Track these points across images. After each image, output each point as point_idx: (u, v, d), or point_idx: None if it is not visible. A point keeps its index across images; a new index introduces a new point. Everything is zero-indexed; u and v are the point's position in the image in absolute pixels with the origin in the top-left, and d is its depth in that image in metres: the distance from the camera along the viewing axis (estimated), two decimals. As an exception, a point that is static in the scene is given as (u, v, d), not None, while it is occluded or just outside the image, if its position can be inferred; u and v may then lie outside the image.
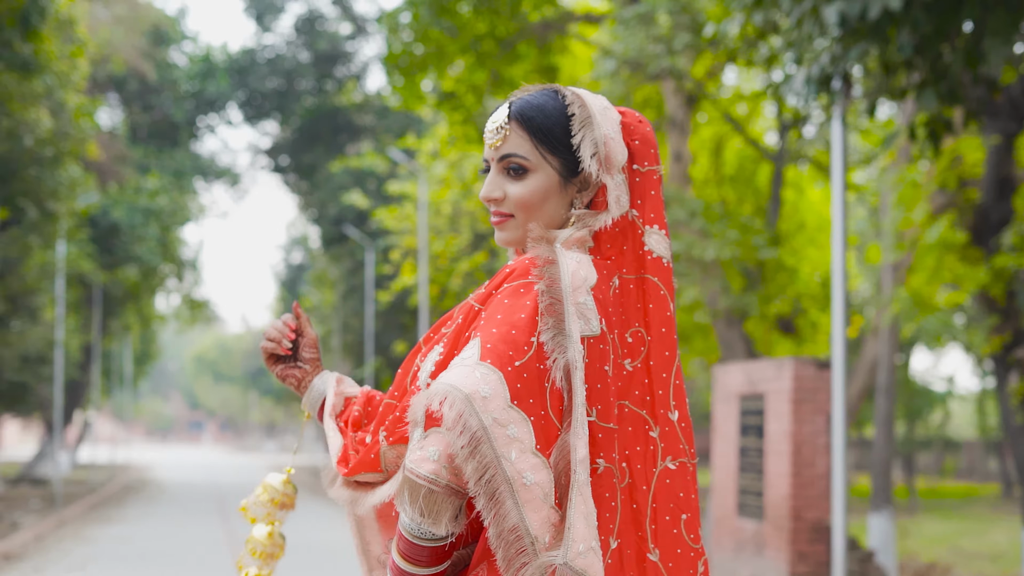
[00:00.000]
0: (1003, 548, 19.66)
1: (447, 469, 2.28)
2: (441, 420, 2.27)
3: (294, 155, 35.96)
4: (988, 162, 11.96)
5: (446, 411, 2.27)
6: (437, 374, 2.46)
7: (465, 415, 2.26)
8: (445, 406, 2.27)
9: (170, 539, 19.16)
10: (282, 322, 2.93)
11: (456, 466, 2.28)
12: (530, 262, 2.45)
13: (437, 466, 2.27)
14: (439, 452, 2.28)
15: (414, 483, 2.29)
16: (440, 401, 2.27)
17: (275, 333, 2.91)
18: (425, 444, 2.29)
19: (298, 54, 35.44)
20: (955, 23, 7.42)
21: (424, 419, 2.31)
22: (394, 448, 2.52)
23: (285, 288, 54.55)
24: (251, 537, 2.89)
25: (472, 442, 2.26)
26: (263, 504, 2.89)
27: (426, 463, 2.28)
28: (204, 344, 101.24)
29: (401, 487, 2.32)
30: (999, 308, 11.68)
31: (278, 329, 2.92)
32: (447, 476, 2.28)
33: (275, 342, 2.91)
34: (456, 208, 25.15)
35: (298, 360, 2.94)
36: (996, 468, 39.40)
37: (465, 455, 2.26)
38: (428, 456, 2.28)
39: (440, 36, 17.95)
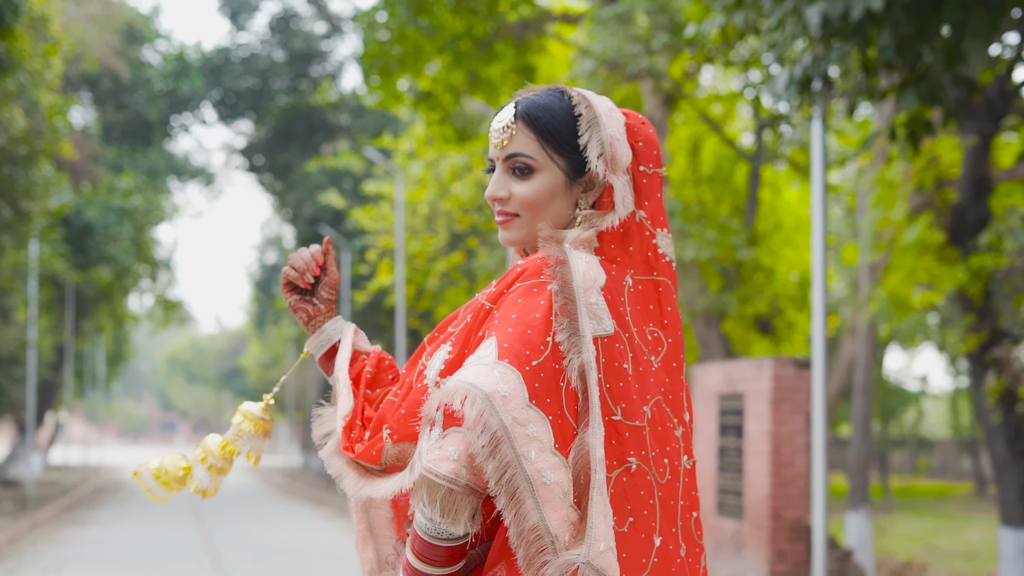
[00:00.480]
0: (977, 546, 19.76)
1: (467, 468, 2.27)
2: (461, 419, 2.27)
3: (269, 155, 35.84)
4: (965, 162, 12.00)
5: (467, 410, 2.26)
6: (447, 373, 2.45)
7: (486, 414, 2.26)
8: (466, 405, 2.27)
9: (145, 541, 19.07)
10: (310, 254, 2.84)
11: (476, 466, 2.28)
12: (542, 262, 2.45)
13: (457, 465, 2.27)
14: (459, 451, 2.28)
15: (433, 483, 2.28)
16: (461, 400, 2.27)
17: (301, 263, 2.83)
18: (444, 443, 2.29)
19: (273, 53, 35.32)
20: (935, 24, 7.44)
21: (443, 418, 2.31)
22: (397, 446, 2.51)
23: (259, 288, 54.33)
24: (205, 447, 2.79)
25: (492, 441, 2.26)
26: (248, 435, 2.81)
27: (445, 462, 2.28)
28: (177, 345, 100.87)
29: (418, 487, 2.31)
30: (976, 307, 11.72)
31: (305, 260, 2.83)
32: (467, 476, 2.28)
33: (299, 272, 2.82)
34: (433, 208, 25.10)
35: (314, 296, 2.86)
36: (969, 467, 39.60)
37: (485, 454, 2.26)
38: (448, 456, 2.28)
39: (417, 35, 17.92)
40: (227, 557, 16.72)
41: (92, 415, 79.11)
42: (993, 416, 11.33)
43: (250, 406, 2.83)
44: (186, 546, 18.31)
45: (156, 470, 2.77)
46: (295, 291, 2.86)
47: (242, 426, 2.81)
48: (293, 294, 2.86)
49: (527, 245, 2.61)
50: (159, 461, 2.78)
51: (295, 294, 2.86)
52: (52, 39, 18.47)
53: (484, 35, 18.02)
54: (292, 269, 2.82)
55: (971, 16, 7.18)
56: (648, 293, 2.53)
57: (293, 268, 2.82)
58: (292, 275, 2.82)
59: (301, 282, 2.83)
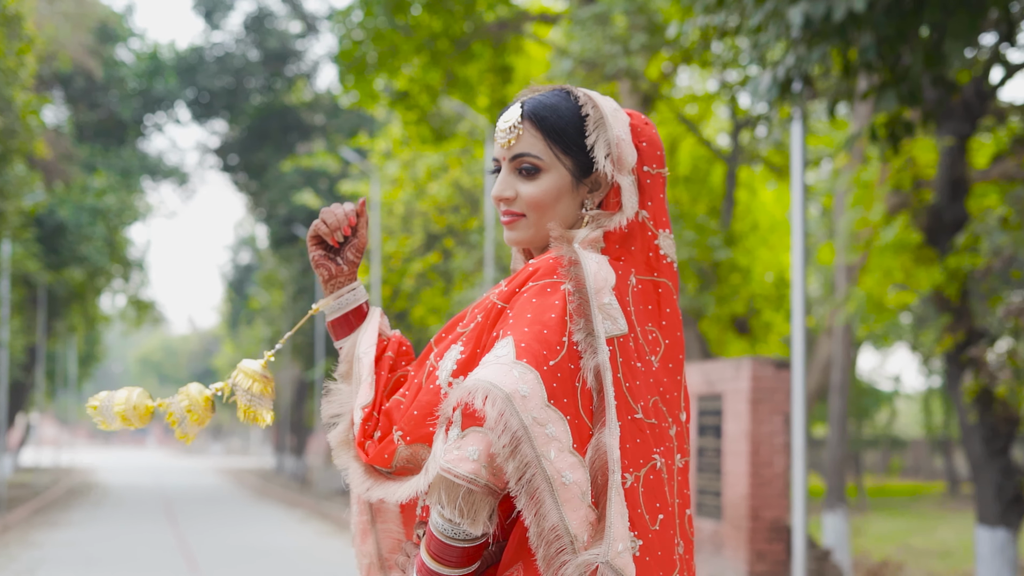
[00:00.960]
0: (952, 545, 19.85)
1: (487, 468, 2.27)
2: (481, 419, 2.27)
3: (243, 154, 35.70)
4: (941, 163, 12.04)
5: (488, 409, 2.26)
6: (459, 373, 2.45)
7: (506, 414, 2.26)
8: (487, 404, 2.26)
9: (118, 543, 18.97)
10: (344, 212, 2.75)
11: (496, 466, 2.27)
12: (555, 261, 2.45)
13: (477, 466, 2.27)
14: (479, 451, 2.27)
15: (452, 483, 2.28)
16: (483, 399, 2.26)
17: (333, 219, 2.73)
18: (463, 444, 2.29)
19: (247, 52, 35.19)
20: (915, 25, 7.46)
21: (461, 417, 2.30)
22: (410, 447, 2.49)
23: (232, 289, 54.22)
24: (187, 393, 2.74)
25: (513, 441, 2.26)
26: (256, 395, 2.75)
27: (465, 463, 2.27)
28: (149, 346, 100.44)
29: (435, 487, 2.30)
30: (952, 308, 11.76)
31: (338, 216, 2.74)
32: (486, 476, 2.27)
33: (330, 228, 2.73)
34: (409, 208, 25.07)
35: (339, 256, 2.79)
36: (942, 466, 39.79)
37: (506, 455, 2.26)
38: (467, 455, 2.27)
39: (394, 35, 17.89)
40: (203, 559, 16.66)
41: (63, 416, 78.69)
42: (970, 416, 11.37)
43: (250, 363, 2.77)
44: (161, 548, 18.22)
45: (120, 402, 2.71)
46: (321, 246, 2.78)
47: (240, 382, 2.74)
48: (318, 248, 2.77)
49: (533, 245, 2.62)
50: (125, 394, 2.72)
51: (320, 249, 2.77)
52: (26, 38, 18.35)
53: (461, 35, 18.00)
54: (324, 224, 2.73)
55: (952, 18, 7.22)
56: (648, 293, 2.53)
57: (325, 223, 2.73)
58: (323, 230, 2.73)
59: (330, 239, 2.74)
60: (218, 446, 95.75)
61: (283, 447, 48.28)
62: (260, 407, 2.75)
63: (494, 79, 19.82)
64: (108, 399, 2.72)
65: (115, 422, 2.72)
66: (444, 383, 2.46)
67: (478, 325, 2.49)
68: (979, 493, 11.42)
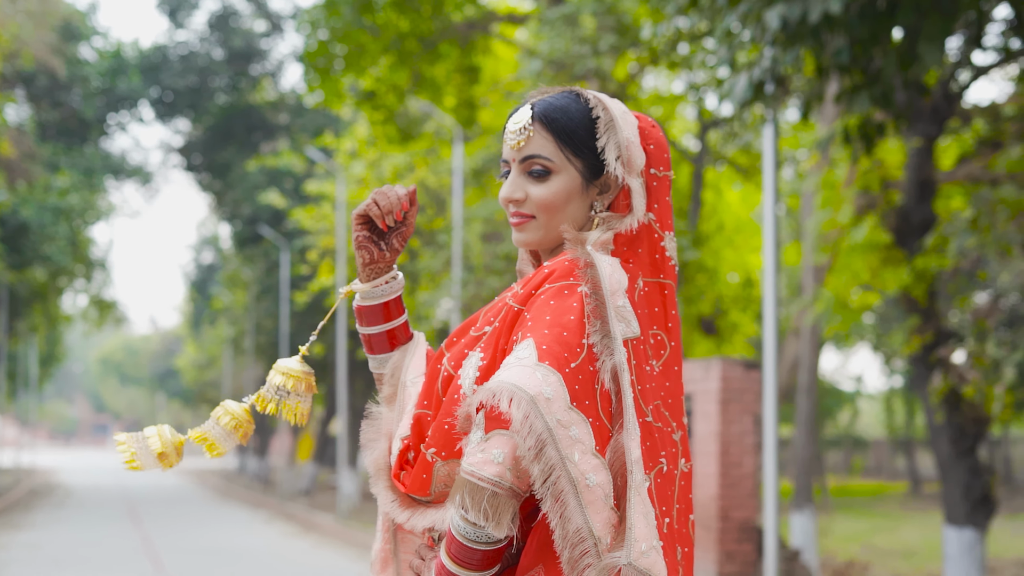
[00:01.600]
0: (915, 545, 19.96)
1: (511, 471, 2.27)
2: (506, 421, 2.26)
3: (207, 153, 35.52)
4: (909, 165, 12.11)
5: (514, 412, 2.26)
6: (482, 380, 2.44)
7: (531, 416, 2.26)
8: (513, 407, 2.26)
9: (83, 544, 18.84)
10: (398, 196, 2.68)
11: (521, 469, 2.27)
12: (570, 263, 2.45)
13: (502, 468, 2.27)
14: (504, 454, 2.27)
15: (476, 486, 2.27)
16: (508, 401, 2.26)
17: (387, 202, 2.65)
18: (488, 446, 2.29)
19: (212, 51, 35.01)
20: (888, 28, 7.50)
21: (485, 420, 2.29)
22: (447, 464, 2.49)
23: (195, 288, 53.95)
24: (226, 408, 2.68)
25: (537, 444, 2.26)
26: (300, 393, 2.69)
27: (490, 465, 2.27)
28: (110, 345, 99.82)
29: (458, 489, 2.30)
30: (920, 309, 11.84)
31: (391, 200, 2.66)
32: (511, 478, 2.28)
33: (382, 211, 2.66)
34: (374, 208, 24.98)
35: (383, 241, 2.72)
36: (904, 466, 40.04)
37: (531, 457, 2.26)
38: (492, 458, 2.27)
39: (361, 35, 17.85)
40: (169, 560, 16.56)
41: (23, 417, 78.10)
42: (937, 416, 11.45)
43: (288, 362, 2.69)
44: (126, 549, 18.11)
45: (157, 442, 2.64)
46: (366, 227, 2.70)
47: (279, 381, 2.68)
48: (364, 229, 2.70)
49: (542, 247, 2.62)
50: (156, 431, 2.66)
51: (365, 230, 2.70)
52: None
53: (429, 35, 17.98)
54: (376, 205, 2.66)
55: (925, 20, 7.25)
56: (654, 296, 2.53)
57: (377, 204, 2.66)
58: (374, 211, 2.65)
59: (381, 221, 2.66)
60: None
61: (246, 448, 48.09)
62: (302, 403, 2.70)
63: (461, 79, 19.80)
64: (140, 442, 2.65)
65: (152, 463, 2.66)
66: (468, 391, 2.45)
67: (495, 330, 2.49)
68: (947, 493, 11.50)
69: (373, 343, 2.79)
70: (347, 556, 18.06)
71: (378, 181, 24.68)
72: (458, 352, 2.54)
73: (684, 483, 2.50)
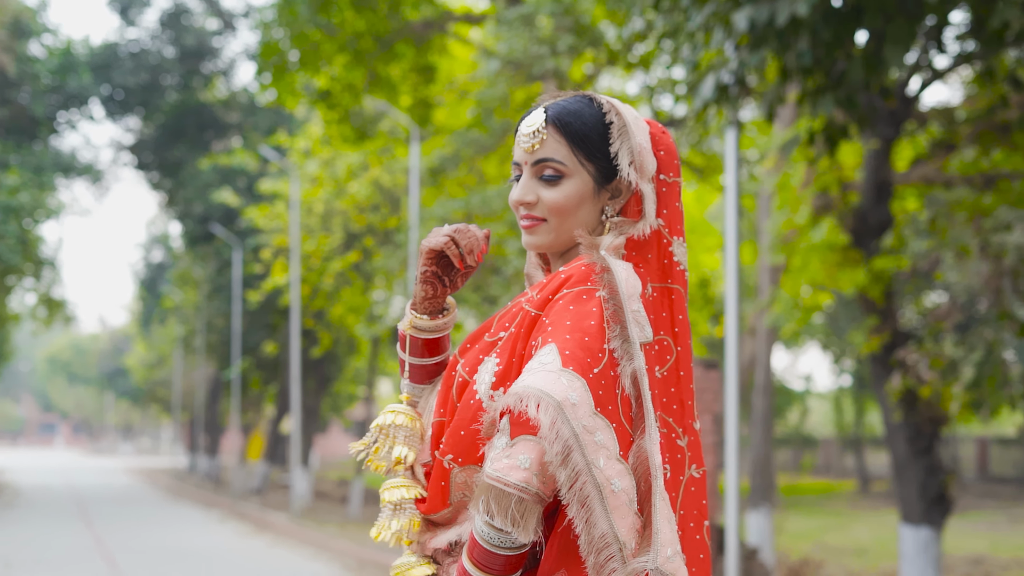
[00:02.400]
0: (866, 543, 20.13)
1: (538, 477, 2.27)
2: (534, 427, 2.27)
3: (158, 152, 35.22)
4: (866, 167, 12.21)
5: (541, 417, 2.26)
6: (498, 385, 2.44)
7: (558, 422, 2.26)
8: (540, 412, 2.26)
9: (35, 545, 18.66)
10: (476, 237, 2.64)
11: (548, 474, 2.27)
12: (587, 268, 2.46)
13: (528, 474, 2.27)
14: (531, 459, 2.27)
15: (502, 492, 2.27)
16: (535, 406, 2.26)
17: (468, 242, 2.62)
18: (513, 452, 2.29)
19: (163, 49, 34.75)
20: (853, 31, 7.58)
21: (510, 425, 2.29)
22: (464, 470, 2.48)
23: (144, 287, 53.54)
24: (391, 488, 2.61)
25: (564, 450, 2.26)
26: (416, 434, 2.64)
27: (516, 471, 2.27)
28: (58, 344, 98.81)
29: (483, 496, 2.29)
30: (878, 309, 11.94)
31: (471, 240, 2.63)
32: (537, 484, 2.28)
33: (462, 250, 2.62)
34: (328, 207, 24.93)
35: (447, 277, 2.69)
36: (852, 464, 40.36)
37: (558, 462, 2.26)
38: (518, 464, 2.27)
39: (317, 34, 17.80)
40: (123, 561, 16.44)
41: (-31, 416, 77.29)
42: (895, 416, 11.55)
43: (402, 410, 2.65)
44: (79, 549, 17.96)
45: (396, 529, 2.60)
46: (436, 263, 2.67)
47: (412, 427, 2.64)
48: (433, 265, 2.66)
49: (552, 251, 2.62)
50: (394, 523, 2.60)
51: (435, 266, 2.66)
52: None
53: (385, 34, 17.95)
54: (454, 244, 2.62)
55: (891, 24, 7.33)
56: (662, 301, 2.54)
57: (456, 243, 2.62)
58: (453, 250, 2.62)
59: (458, 260, 2.63)
60: (128, 446, 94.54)
61: (197, 447, 47.80)
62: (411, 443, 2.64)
63: (417, 78, 19.79)
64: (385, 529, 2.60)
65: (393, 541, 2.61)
66: (484, 396, 2.45)
67: (512, 335, 2.49)
68: (903, 492, 11.60)
69: (412, 371, 2.73)
70: (303, 555, 18.01)
71: (332, 180, 24.61)
72: (473, 358, 2.54)
73: (695, 489, 2.50)
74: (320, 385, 32.61)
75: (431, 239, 2.64)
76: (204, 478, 42.55)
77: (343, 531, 21.30)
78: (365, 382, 34.22)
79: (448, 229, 2.65)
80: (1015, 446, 37.45)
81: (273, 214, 26.77)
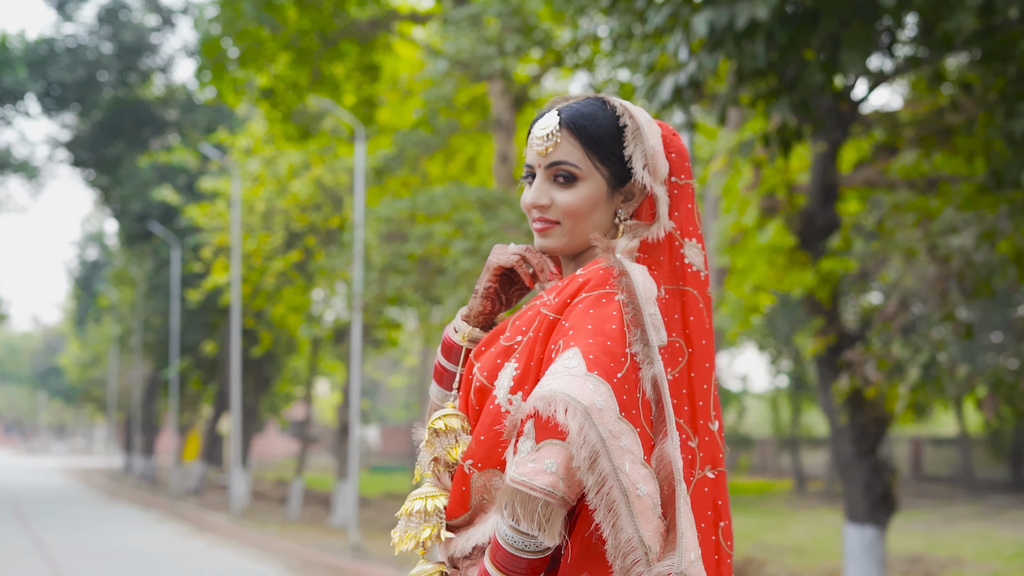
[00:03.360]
0: (805, 542, 20.30)
1: (564, 481, 2.27)
2: (560, 432, 2.26)
3: (95, 149, 34.80)
4: (814, 169, 12.32)
5: (569, 422, 2.26)
6: (516, 389, 2.44)
7: (586, 427, 2.26)
8: (568, 417, 2.26)
9: (-28, 546, 18.42)
10: (547, 258, 2.64)
11: (574, 479, 2.28)
12: (605, 272, 2.46)
13: (554, 478, 2.27)
14: (557, 464, 2.27)
15: (528, 496, 2.27)
16: (563, 411, 2.26)
17: (537, 261, 2.64)
18: (539, 456, 2.29)
19: (100, 45, 34.35)
20: (809, 35, 7.63)
21: (535, 429, 2.29)
22: (483, 474, 2.49)
23: (79, 286, 52.95)
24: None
25: (591, 455, 2.27)
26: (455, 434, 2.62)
27: (542, 475, 2.27)
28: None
29: (508, 499, 2.29)
30: (824, 311, 12.04)
31: (541, 260, 2.64)
32: (563, 488, 2.28)
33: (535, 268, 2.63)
34: (270, 206, 24.77)
35: (505, 294, 2.71)
36: (789, 464, 40.71)
37: (586, 467, 2.26)
38: (544, 468, 2.27)
39: (259, 32, 17.71)
40: (64, 562, 16.25)
41: None
42: (840, 417, 11.66)
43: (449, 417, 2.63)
44: (18, 551, 17.72)
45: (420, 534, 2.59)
46: (500, 280, 2.70)
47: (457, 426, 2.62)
48: (497, 281, 2.69)
49: (564, 253, 2.62)
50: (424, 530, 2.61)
51: (498, 283, 2.70)
52: None
53: (330, 32, 17.89)
54: (525, 262, 2.65)
55: (847, 28, 7.40)
56: (673, 303, 2.54)
57: (527, 262, 2.65)
58: (524, 269, 2.65)
59: (528, 279, 2.65)
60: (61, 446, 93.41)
61: (132, 447, 47.35)
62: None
63: (361, 77, 19.73)
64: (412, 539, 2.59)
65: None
66: (503, 401, 2.45)
67: (530, 339, 2.49)
68: (848, 492, 11.71)
69: (449, 378, 2.73)
70: (246, 556, 17.90)
71: (274, 179, 24.47)
72: (490, 363, 2.54)
73: (708, 489, 2.50)
74: (259, 385, 32.42)
75: (500, 256, 2.67)
76: (140, 478, 42.15)
77: (285, 532, 21.19)
78: (304, 382, 34.06)
79: (517, 248, 2.67)
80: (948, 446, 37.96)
81: (214, 213, 26.56)
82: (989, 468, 35.76)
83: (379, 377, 61.18)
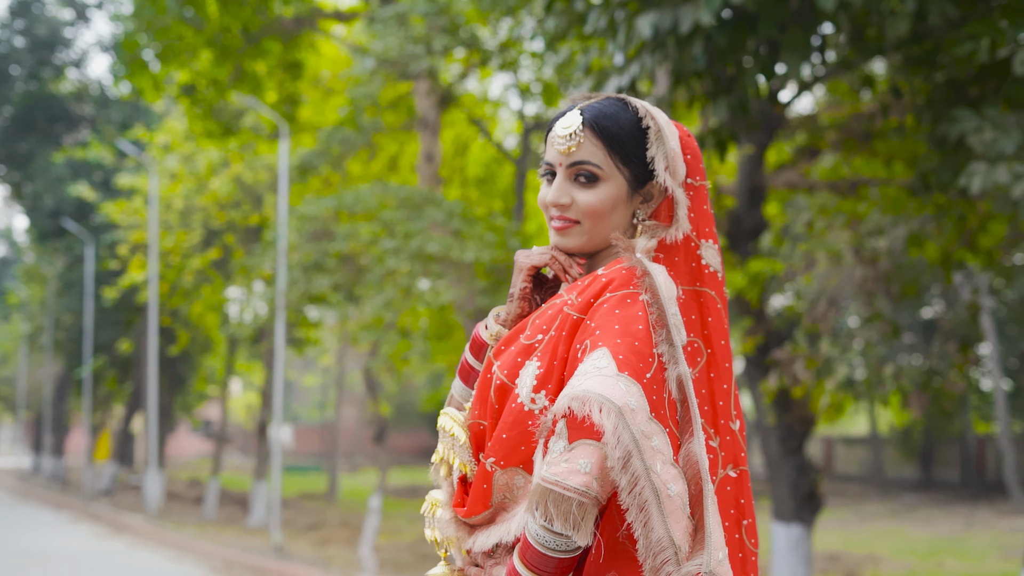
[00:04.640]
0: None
1: (598, 481, 2.28)
2: (596, 432, 2.27)
3: (6, 144, 34.20)
4: (741, 171, 12.44)
5: (604, 422, 2.26)
6: (540, 388, 2.44)
7: (619, 427, 2.27)
8: (603, 417, 2.26)
9: None
10: (568, 255, 2.64)
11: (607, 478, 2.28)
12: (628, 272, 2.47)
13: (588, 478, 2.27)
14: (591, 464, 2.28)
15: (561, 496, 2.27)
16: (598, 411, 2.26)
17: (563, 258, 2.63)
18: (572, 456, 2.29)
19: (12, 39, 33.78)
20: (749, 38, 7.71)
21: (567, 429, 2.29)
22: (505, 473, 2.48)
23: (-15, 282, 52.02)
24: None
25: (625, 455, 2.27)
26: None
27: (576, 475, 2.27)
28: None
29: (540, 499, 2.29)
30: (753, 311, 12.16)
31: (567, 257, 2.63)
32: (596, 488, 2.28)
33: (564, 266, 2.62)
34: (188, 203, 24.51)
35: (538, 295, 2.71)
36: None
37: (619, 467, 2.27)
38: (578, 468, 2.28)
39: (180, 27, 17.52)
40: (-20, 564, 15.99)
41: None
42: (769, 417, 11.79)
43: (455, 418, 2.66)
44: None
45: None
46: (532, 280, 2.70)
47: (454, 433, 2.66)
48: (531, 281, 2.69)
49: (582, 253, 2.63)
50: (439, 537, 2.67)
51: (532, 282, 2.70)
52: None
53: (253, 29, 17.74)
54: (557, 260, 2.63)
55: (786, 33, 7.48)
56: (691, 304, 2.55)
57: (558, 260, 2.64)
58: (556, 266, 2.64)
59: (563, 274, 2.63)
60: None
61: (41, 447, 46.58)
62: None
63: (283, 75, 19.59)
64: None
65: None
66: (526, 400, 2.45)
67: (552, 338, 2.49)
68: (775, 490, 11.84)
69: (472, 376, 2.73)
70: (166, 557, 17.71)
71: (192, 176, 24.22)
72: (511, 361, 2.53)
73: (730, 488, 2.52)
74: (173, 384, 32.06)
75: (532, 257, 2.66)
76: (50, 479, 41.48)
77: (203, 532, 20.99)
78: (219, 382, 33.72)
79: (542, 249, 2.67)
80: (860, 445, 38.53)
81: (131, 209, 26.20)
82: (899, 467, 36.35)
83: (293, 376, 60.78)
